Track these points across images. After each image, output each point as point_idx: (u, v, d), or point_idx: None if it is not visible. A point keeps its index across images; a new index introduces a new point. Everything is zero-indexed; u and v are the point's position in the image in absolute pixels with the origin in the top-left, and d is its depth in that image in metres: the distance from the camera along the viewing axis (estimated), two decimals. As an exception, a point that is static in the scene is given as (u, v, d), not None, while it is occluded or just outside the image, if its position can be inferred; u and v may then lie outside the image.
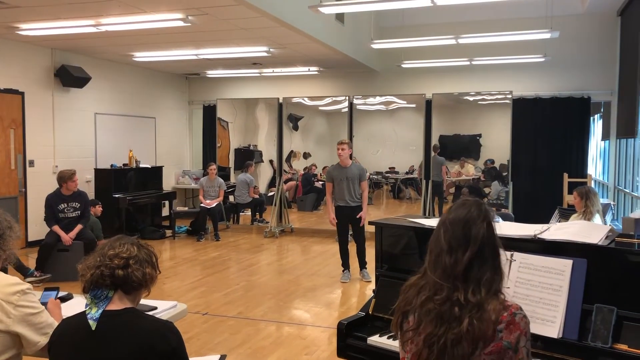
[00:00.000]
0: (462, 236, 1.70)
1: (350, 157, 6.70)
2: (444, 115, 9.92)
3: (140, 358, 1.82)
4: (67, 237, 6.58)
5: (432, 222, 2.84)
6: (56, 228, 6.61)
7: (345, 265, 6.79)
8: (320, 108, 10.72)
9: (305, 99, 10.66)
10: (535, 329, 2.21)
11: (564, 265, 2.25)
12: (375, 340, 2.57)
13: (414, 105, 10.02)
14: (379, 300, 2.77)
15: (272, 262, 7.98)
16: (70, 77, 8.96)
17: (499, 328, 1.62)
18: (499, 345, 1.62)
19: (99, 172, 9.43)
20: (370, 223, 3.24)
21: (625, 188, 8.82)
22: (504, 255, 1.75)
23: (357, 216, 6.53)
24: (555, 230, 2.43)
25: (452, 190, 10.09)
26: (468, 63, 9.54)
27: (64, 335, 1.91)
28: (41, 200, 6.99)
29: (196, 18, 6.76)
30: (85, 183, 9.10)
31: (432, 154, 9.83)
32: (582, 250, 2.27)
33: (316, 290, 6.31)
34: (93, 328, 1.83)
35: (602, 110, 10.42)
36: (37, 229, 8.18)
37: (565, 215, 6.53)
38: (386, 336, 2.57)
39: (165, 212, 10.59)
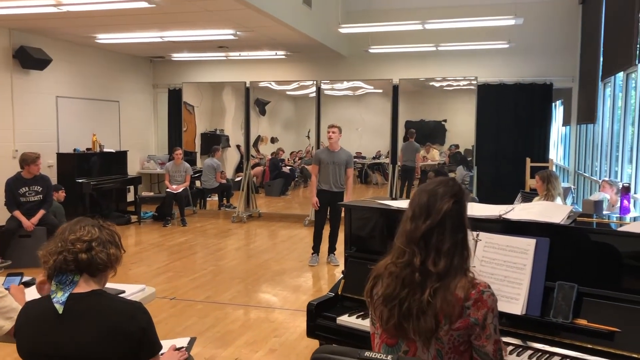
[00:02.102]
0: (426, 206, 1.76)
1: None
2: (410, 101, 10.00)
3: (109, 339, 1.81)
4: (28, 223, 6.43)
5: (401, 204, 2.88)
6: (17, 213, 6.45)
7: (316, 249, 6.79)
8: (288, 93, 10.68)
9: (273, 83, 10.59)
10: (500, 306, 2.24)
11: (528, 244, 2.31)
12: (345, 319, 2.61)
13: (381, 91, 10.06)
14: (348, 281, 2.80)
15: (240, 246, 7.96)
16: (29, 59, 8.68)
17: (466, 305, 1.67)
18: (466, 321, 1.67)
19: (61, 157, 9.21)
20: (339, 205, 3.28)
21: (584, 172, 9.08)
22: (472, 235, 1.80)
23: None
24: (520, 211, 2.50)
25: (417, 175, 10.21)
26: (434, 49, 9.63)
27: (30, 319, 1.88)
28: (0, 185, 6.80)
29: (161, -1, 6.63)
30: (47, 168, 8.87)
31: (408, 139, 9.91)
32: (545, 229, 2.34)
33: (284, 274, 6.33)
34: (60, 312, 1.80)
35: (563, 96, 10.67)
36: (-3, 214, 7.97)
37: (527, 199, 6.68)
38: (355, 316, 2.60)
39: (130, 197, 10.42)
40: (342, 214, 6.19)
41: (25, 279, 2.80)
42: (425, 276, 1.71)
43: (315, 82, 10.14)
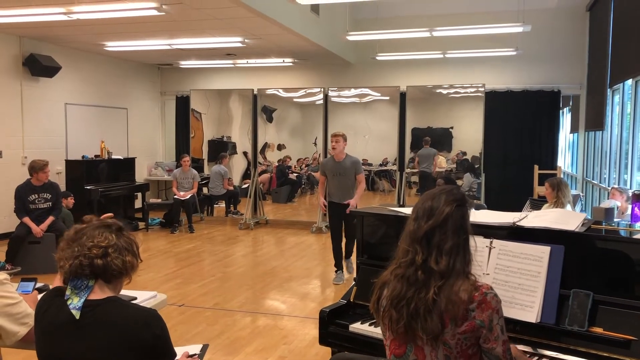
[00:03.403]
0: (429, 208, 1.82)
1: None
2: (417, 108, 10.00)
3: (124, 346, 1.81)
4: (38, 230, 6.45)
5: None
6: (27, 220, 6.47)
7: (338, 265, 6.31)
8: (295, 100, 10.70)
9: (280, 90, 10.62)
10: (514, 314, 2.26)
11: (542, 251, 2.30)
12: (357, 327, 2.59)
13: (388, 98, 10.07)
14: (360, 288, 2.79)
15: (247, 253, 7.96)
16: (39, 67, 8.76)
17: (470, 307, 1.70)
18: (472, 324, 1.70)
19: (70, 164, 9.26)
20: (351, 212, 3.29)
21: (593, 180, 9.03)
22: (474, 240, 1.84)
23: (347, 210, 5.90)
24: (534, 218, 2.48)
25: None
26: (442, 56, 9.63)
27: (45, 324, 1.88)
28: (10, 192, 6.84)
29: (170, 7, 6.65)
30: (56, 175, 8.92)
31: (423, 146, 9.93)
32: (559, 236, 2.33)
33: (292, 281, 6.32)
34: (77, 317, 1.80)
35: (571, 103, 10.64)
36: (7, 221, 8.01)
37: (536, 206, 6.65)
38: (367, 323, 2.59)
39: (138, 204, 10.45)
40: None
41: (38, 285, 2.80)
42: (428, 275, 1.75)
43: (322, 89, 10.17)
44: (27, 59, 8.71)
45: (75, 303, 1.83)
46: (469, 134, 9.74)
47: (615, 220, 5.24)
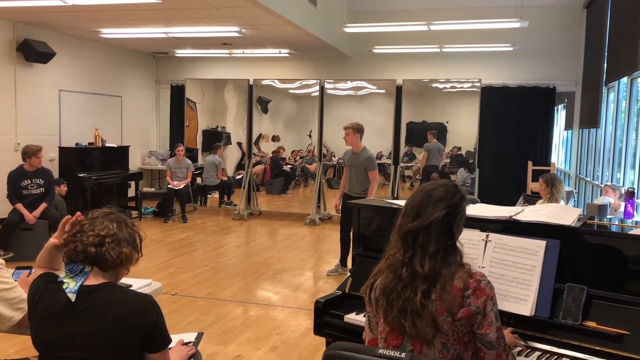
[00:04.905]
0: (417, 207, 1.81)
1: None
2: (413, 102, 9.99)
3: (120, 332, 1.81)
4: (30, 216, 6.42)
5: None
6: (19, 206, 6.44)
7: (343, 261, 6.11)
8: (291, 91, 10.66)
9: (276, 81, 10.58)
10: (509, 307, 2.27)
11: (538, 245, 2.31)
12: (352, 318, 2.61)
13: (384, 91, 10.06)
14: (356, 280, 2.80)
15: (240, 244, 7.96)
16: (33, 52, 8.67)
17: (466, 294, 1.73)
18: (468, 310, 1.72)
19: (63, 151, 9.21)
20: (347, 203, 3.29)
21: (586, 177, 9.09)
22: (460, 244, 1.84)
23: None
24: (530, 212, 2.50)
25: (419, 176, 10.22)
26: (439, 50, 9.63)
27: (40, 309, 1.87)
28: (2, 178, 6.79)
29: (167, -5, 6.62)
30: (49, 162, 8.86)
31: (431, 139, 9.89)
32: (555, 231, 2.34)
33: (285, 272, 6.33)
34: (73, 300, 1.80)
35: (566, 100, 10.67)
36: (-1, 207, 7.96)
37: (529, 202, 6.69)
38: (362, 314, 2.60)
39: (131, 192, 10.41)
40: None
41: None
42: (413, 275, 1.76)
43: (318, 81, 10.13)
44: (21, 45, 8.63)
45: (71, 287, 1.84)
46: (464, 129, 9.75)
47: (608, 216, 5.28)
